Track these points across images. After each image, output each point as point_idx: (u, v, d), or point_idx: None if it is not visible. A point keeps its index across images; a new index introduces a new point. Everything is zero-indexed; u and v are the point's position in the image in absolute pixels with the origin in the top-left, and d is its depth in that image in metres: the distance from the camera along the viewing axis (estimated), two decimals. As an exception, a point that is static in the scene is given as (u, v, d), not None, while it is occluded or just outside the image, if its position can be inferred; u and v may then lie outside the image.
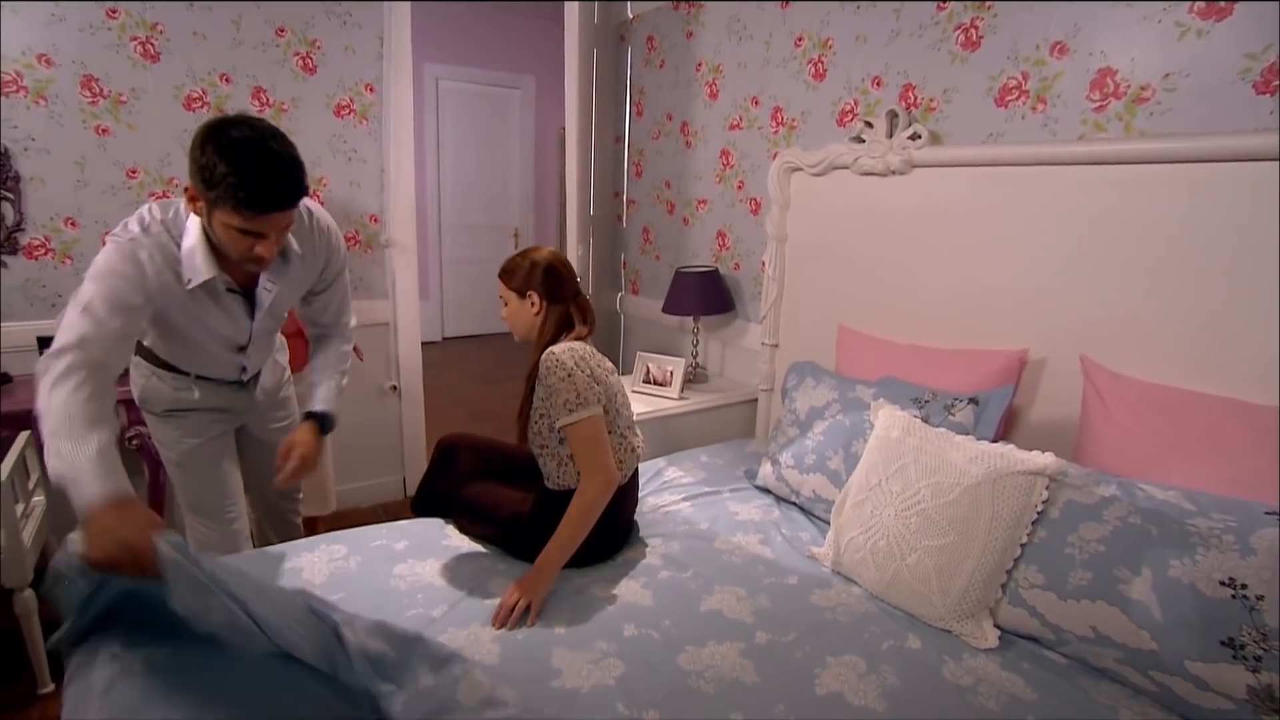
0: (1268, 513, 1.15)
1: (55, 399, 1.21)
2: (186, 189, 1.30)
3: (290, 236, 1.45)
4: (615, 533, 1.65)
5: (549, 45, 5.72)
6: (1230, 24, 1.38)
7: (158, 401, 1.66)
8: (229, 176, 1.22)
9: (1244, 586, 1.10)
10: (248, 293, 1.51)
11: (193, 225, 1.37)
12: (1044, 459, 1.38)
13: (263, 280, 1.49)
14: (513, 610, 1.38)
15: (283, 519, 2.05)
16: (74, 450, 1.19)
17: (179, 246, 1.37)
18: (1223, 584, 1.12)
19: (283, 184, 1.28)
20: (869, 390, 1.85)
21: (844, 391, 1.90)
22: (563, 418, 1.52)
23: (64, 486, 1.19)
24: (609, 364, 1.68)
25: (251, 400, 1.74)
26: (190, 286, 1.39)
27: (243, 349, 1.60)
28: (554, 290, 1.63)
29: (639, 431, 1.74)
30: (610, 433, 1.60)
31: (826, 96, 2.25)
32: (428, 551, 1.63)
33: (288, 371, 1.91)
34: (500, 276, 1.67)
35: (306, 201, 1.49)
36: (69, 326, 1.28)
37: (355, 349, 2.39)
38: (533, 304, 1.63)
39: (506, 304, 1.67)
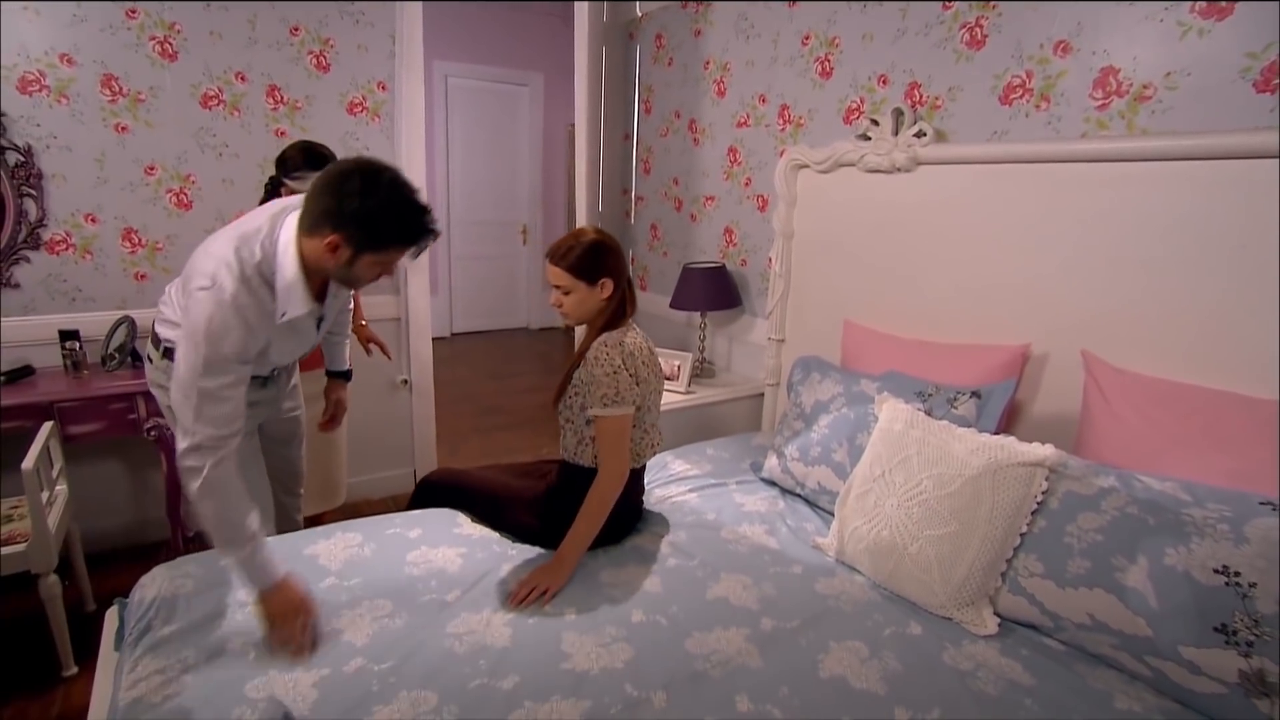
0: (1262, 503, 1.18)
1: (209, 510, 1.31)
2: (328, 240, 1.33)
3: None
4: (626, 516, 1.70)
5: (557, 43, 5.76)
6: (1231, 23, 1.40)
7: None
8: (398, 226, 1.34)
9: (1237, 574, 1.13)
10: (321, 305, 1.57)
11: (287, 262, 1.39)
12: (1043, 450, 1.40)
13: (330, 291, 1.57)
14: (530, 592, 1.43)
15: (286, 515, 2.12)
16: (238, 553, 1.33)
17: (272, 288, 1.40)
18: (1217, 571, 1.15)
19: (431, 223, 1.38)
20: (873, 384, 1.88)
21: (849, 385, 1.93)
22: (595, 408, 1.57)
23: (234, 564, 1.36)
24: (656, 360, 1.72)
25: (277, 393, 1.86)
26: (282, 320, 1.43)
27: (296, 357, 1.76)
28: (621, 271, 1.65)
29: (660, 430, 1.79)
30: (635, 426, 1.65)
31: (833, 94, 2.28)
32: (440, 539, 1.67)
33: (296, 366, 2.00)
34: (566, 268, 1.60)
35: None
36: (194, 416, 1.30)
37: (383, 347, 2.49)
38: (604, 289, 1.62)
39: (570, 293, 1.62)
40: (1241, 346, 1.42)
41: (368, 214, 1.31)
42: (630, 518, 1.74)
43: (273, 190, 2.15)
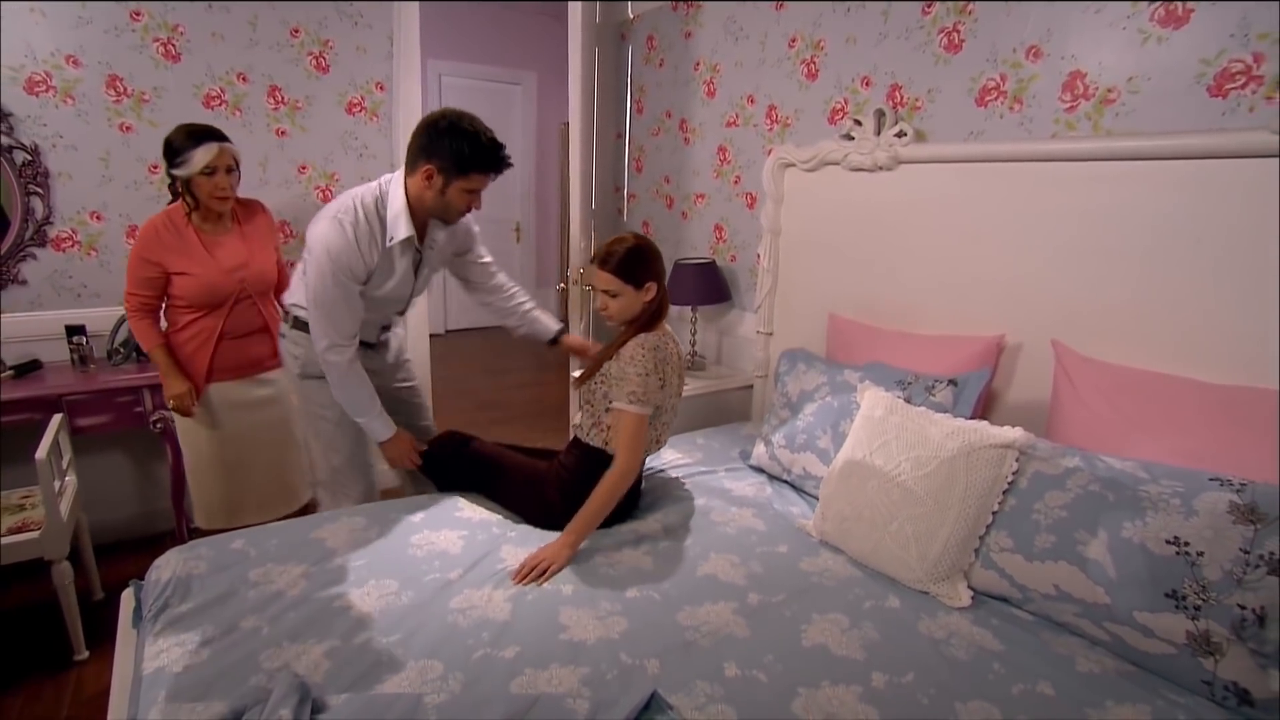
0: (1211, 479, 1.26)
1: (342, 392, 1.83)
2: (424, 170, 1.70)
3: None
4: (625, 502, 1.78)
5: (550, 42, 5.82)
6: (1187, 31, 1.49)
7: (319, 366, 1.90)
8: (478, 153, 1.69)
9: (1187, 544, 1.22)
10: (416, 266, 1.90)
11: (396, 196, 1.76)
12: (1013, 433, 1.49)
13: (428, 240, 1.88)
14: (534, 568, 1.52)
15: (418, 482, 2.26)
16: (367, 419, 1.87)
17: (384, 221, 1.76)
18: (1169, 542, 1.24)
19: (505, 155, 1.75)
20: (856, 374, 1.96)
21: (833, 375, 2.01)
22: (619, 401, 1.67)
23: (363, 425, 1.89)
24: (683, 367, 1.84)
25: (383, 361, 2.08)
26: (391, 243, 1.77)
27: (401, 313, 2.02)
28: (661, 275, 1.74)
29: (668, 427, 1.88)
30: (650, 424, 1.75)
31: (818, 95, 2.36)
32: (442, 523, 1.75)
33: (405, 345, 2.23)
34: (614, 272, 1.68)
35: None
36: (325, 322, 1.76)
37: None
38: (647, 292, 1.71)
39: (616, 296, 1.70)
40: (1197, 335, 1.51)
41: (455, 145, 1.67)
42: (629, 504, 1.81)
43: (175, 191, 2.12)
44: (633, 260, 1.69)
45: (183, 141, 2.00)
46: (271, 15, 2.67)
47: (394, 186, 1.77)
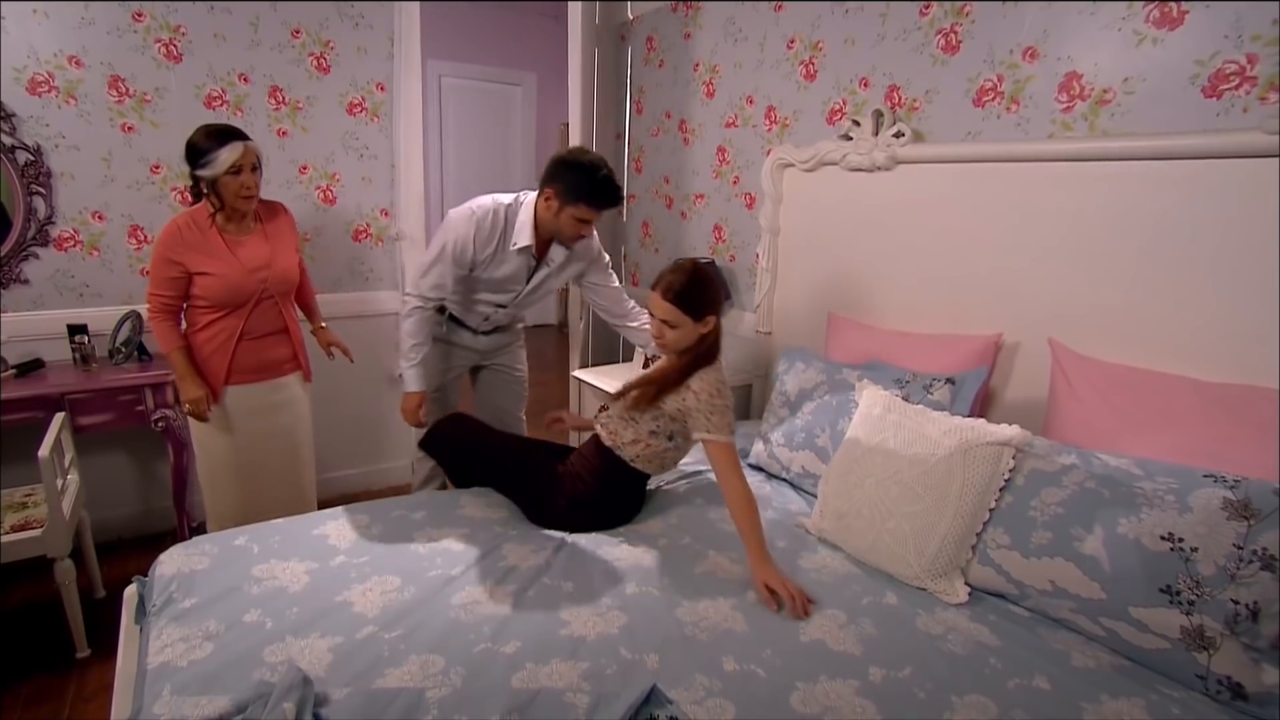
0: (1205, 475, 1.28)
1: (410, 324, 2.09)
2: (545, 192, 1.96)
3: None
4: (631, 506, 1.82)
5: (550, 43, 5.83)
6: (1181, 33, 1.50)
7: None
8: (589, 187, 1.91)
9: (1181, 540, 1.23)
10: (537, 264, 2.13)
11: (526, 206, 2.04)
12: (1010, 431, 1.51)
13: (548, 256, 2.11)
14: (792, 599, 1.42)
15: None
16: (404, 366, 2.11)
17: (510, 224, 2.04)
18: (1163, 538, 1.25)
19: (615, 193, 1.95)
20: (854, 372, 1.97)
21: (831, 374, 2.02)
22: (717, 434, 1.64)
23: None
24: None
25: (478, 343, 2.30)
26: (514, 248, 2.04)
27: (504, 307, 2.21)
28: (721, 305, 1.72)
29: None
30: (678, 447, 1.80)
31: (817, 96, 2.38)
32: (444, 520, 1.76)
33: (521, 346, 2.47)
34: (674, 303, 1.64)
35: None
36: (421, 277, 2.07)
37: (344, 349, 2.46)
38: (706, 324, 1.68)
39: (674, 327, 1.66)
40: (1191, 333, 1.53)
41: (572, 175, 1.91)
42: (634, 509, 1.82)
43: (198, 192, 2.09)
44: (695, 291, 1.64)
45: (206, 142, 1.99)
46: (273, 16, 2.68)
47: (526, 201, 2.05)
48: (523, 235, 2.02)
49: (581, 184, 1.90)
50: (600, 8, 3.28)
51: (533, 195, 2.04)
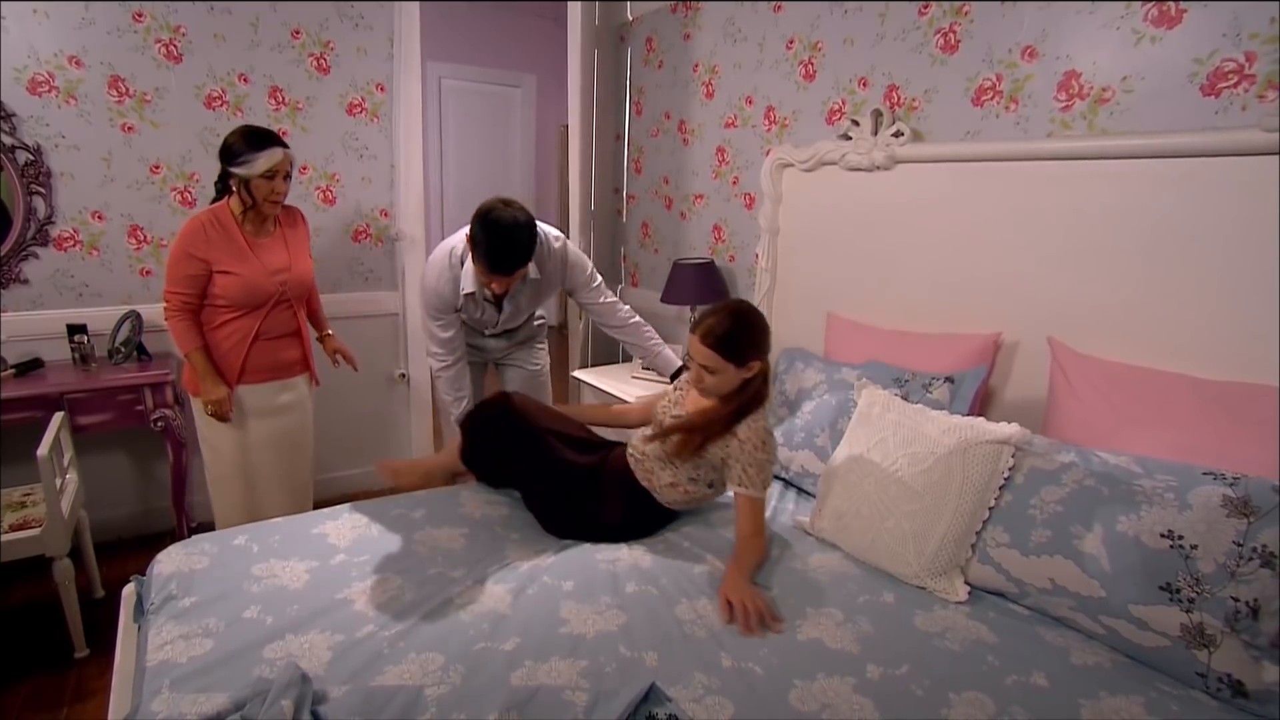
0: (1205, 473, 1.28)
1: (441, 387, 2.16)
2: (467, 236, 1.90)
3: (531, 265, 1.97)
4: (656, 529, 1.75)
5: (550, 45, 5.84)
6: (1180, 31, 1.50)
7: None
8: (486, 247, 1.84)
9: (1181, 538, 1.23)
10: (499, 301, 2.12)
11: (470, 255, 1.96)
12: (1009, 429, 1.50)
13: (509, 294, 2.09)
14: (750, 616, 1.37)
15: None
16: (453, 416, 2.13)
17: (462, 267, 2.01)
18: (1163, 536, 1.25)
19: (508, 260, 1.86)
20: (854, 372, 1.97)
21: (830, 374, 2.02)
22: (752, 489, 1.58)
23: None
24: None
25: (498, 346, 2.34)
26: (463, 294, 2.03)
27: (494, 328, 2.24)
28: (767, 349, 1.62)
29: None
30: (712, 485, 1.74)
31: (816, 96, 2.38)
32: (443, 520, 1.76)
33: (540, 343, 2.47)
34: (716, 349, 1.55)
35: (549, 233, 2.08)
36: (429, 339, 2.13)
37: (348, 357, 2.46)
38: (749, 369, 1.59)
39: (715, 373, 1.57)
40: (1190, 331, 1.53)
41: (476, 228, 1.84)
42: (651, 532, 1.76)
43: (224, 188, 2.13)
44: (738, 335, 1.55)
45: (244, 145, 2.01)
46: (273, 17, 2.68)
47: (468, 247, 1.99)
48: (468, 282, 2.00)
49: (480, 242, 1.84)
50: (600, 9, 3.28)
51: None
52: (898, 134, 2.07)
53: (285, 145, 2.07)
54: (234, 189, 2.08)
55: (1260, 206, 1.39)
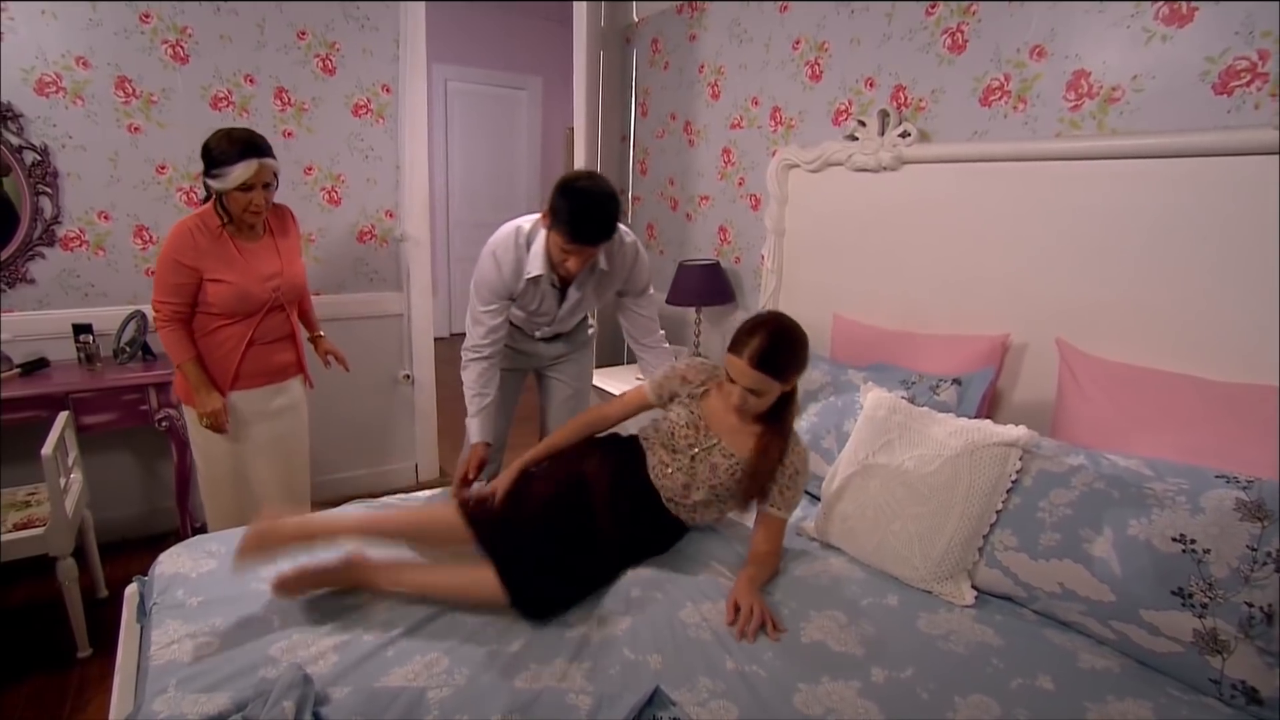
0: (1217, 476, 1.26)
1: (468, 376, 2.02)
2: (543, 212, 1.81)
3: (601, 255, 1.91)
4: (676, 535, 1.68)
5: (556, 47, 5.84)
6: (1191, 30, 1.49)
7: None
8: (570, 217, 1.73)
9: (1193, 542, 1.21)
10: (564, 289, 2.01)
11: (540, 237, 1.88)
12: (1017, 431, 1.49)
13: (575, 281, 1.98)
14: (752, 622, 1.34)
15: None
16: (471, 410, 2.01)
17: (528, 250, 1.91)
18: (1174, 540, 1.23)
19: (595, 229, 1.75)
20: (860, 374, 1.96)
21: (836, 375, 2.01)
22: (784, 511, 1.55)
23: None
24: None
25: (540, 349, 2.22)
26: (526, 277, 1.91)
27: (549, 325, 2.13)
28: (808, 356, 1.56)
29: None
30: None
31: (822, 97, 2.37)
32: (446, 520, 1.74)
33: (588, 356, 2.37)
34: (766, 370, 1.44)
35: (621, 228, 1.92)
36: (472, 328, 2.01)
37: (339, 358, 2.39)
38: (790, 382, 1.53)
39: (761, 395, 1.48)
40: (1199, 332, 1.51)
41: (559, 198, 1.73)
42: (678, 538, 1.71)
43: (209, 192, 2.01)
44: (784, 354, 1.46)
45: (223, 151, 1.90)
46: (279, 18, 2.69)
47: (540, 228, 1.89)
48: (535, 264, 1.88)
49: (561, 210, 1.73)
50: (605, 10, 3.28)
51: (542, 225, 1.87)
52: (904, 134, 2.06)
53: (265, 153, 1.94)
54: (211, 199, 1.99)
55: (1273, 206, 1.38)
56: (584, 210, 1.73)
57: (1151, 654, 1.24)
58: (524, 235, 1.91)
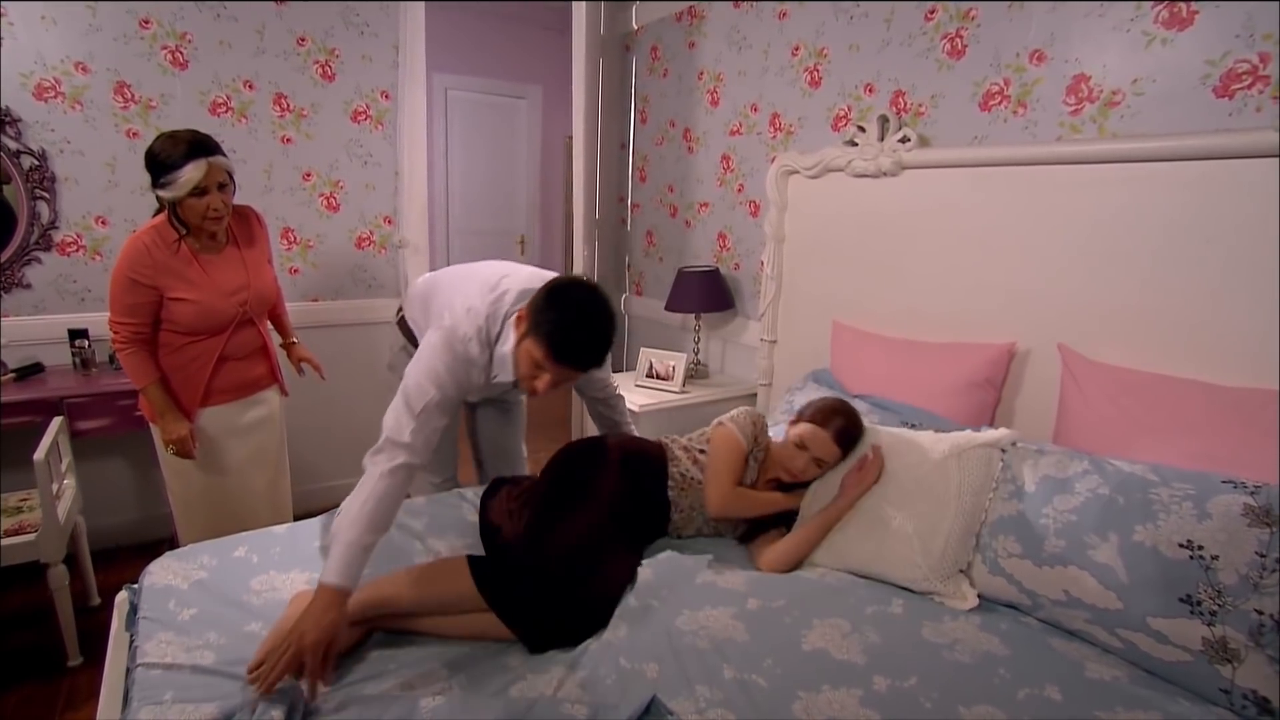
0: (1224, 481, 1.24)
1: (374, 488, 1.34)
2: (521, 310, 1.46)
3: None
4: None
5: (556, 56, 5.87)
6: (1191, 33, 1.48)
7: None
8: (556, 330, 1.36)
9: (1200, 548, 1.19)
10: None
11: (509, 339, 1.50)
12: (998, 433, 1.54)
13: None
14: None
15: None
16: (349, 535, 1.28)
17: (492, 348, 1.54)
18: (1182, 546, 1.21)
19: (582, 354, 1.39)
20: (861, 404, 1.89)
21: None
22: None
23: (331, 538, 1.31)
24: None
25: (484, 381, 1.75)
26: (494, 380, 1.57)
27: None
28: None
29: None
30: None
31: (821, 103, 2.36)
32: (445, 528, 1.72)
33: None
34: (844, 445, 1.65)
35: None
36: (401, 424, 1.42)
37: (314, 365, 2.27)
38: None
39: (822, 467, 1.67)
40: (1204, 336, 1.49)
41: (544, 303, 1.40)
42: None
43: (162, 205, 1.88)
44: (854, 435, 1.67)
45: (168, 154, 1.74)
46: (278, 23, 2.69)
47: (510, 325, 1.52)
48: (504, 369, 1.53)
49: (545, 319, 1.37)
50: (604, 18, 3.29)
51: (512, 317, 1.52)
52: (904, 139, 2.05)
53: (214, 151, 1.78)
54: (166, 213, 1.82)
55: (1274, 208, 1.36)
56: (573, 326, 1.38)
57: (1160, 663, 1.22)
58: (490, 336, 1.54)
